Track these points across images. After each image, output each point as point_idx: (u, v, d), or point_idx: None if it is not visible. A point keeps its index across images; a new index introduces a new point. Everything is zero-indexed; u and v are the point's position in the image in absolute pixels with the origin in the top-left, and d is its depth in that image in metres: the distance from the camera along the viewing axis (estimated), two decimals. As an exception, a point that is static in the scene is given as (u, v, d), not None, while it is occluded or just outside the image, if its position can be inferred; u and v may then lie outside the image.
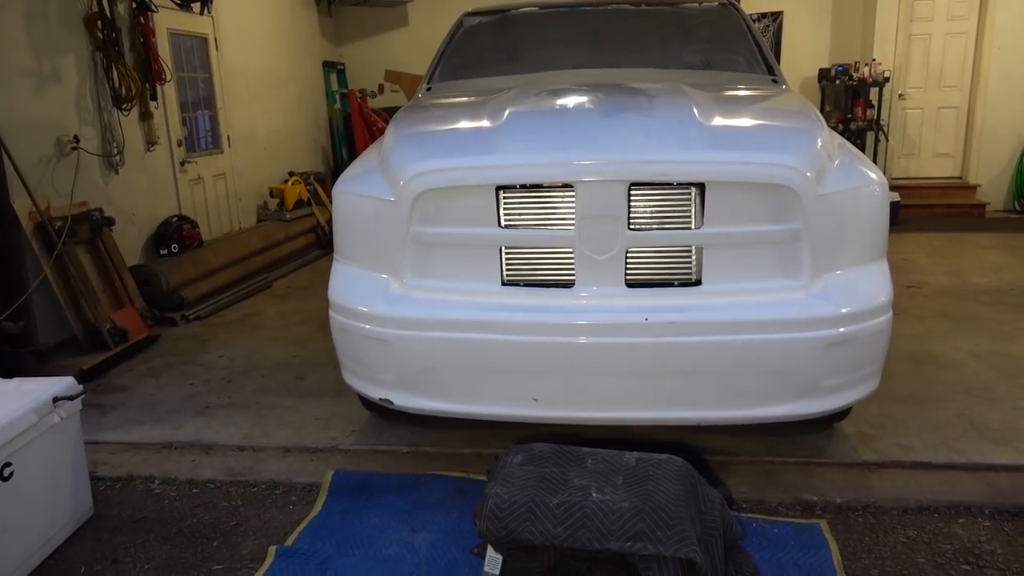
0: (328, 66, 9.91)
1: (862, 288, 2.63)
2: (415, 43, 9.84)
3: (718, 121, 2.70)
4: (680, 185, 2.51)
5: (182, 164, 6.58)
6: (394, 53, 10.04)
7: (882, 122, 8.88)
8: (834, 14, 9.28)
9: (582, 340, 2.52)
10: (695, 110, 2.73)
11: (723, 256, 2.57)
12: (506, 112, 2.83)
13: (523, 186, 2.57)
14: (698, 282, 2.60)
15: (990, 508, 2.79)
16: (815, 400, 2.61)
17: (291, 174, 8.36)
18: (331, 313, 2.92)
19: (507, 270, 2.67)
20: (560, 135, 2.62)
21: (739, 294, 2.58)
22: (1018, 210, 8.99)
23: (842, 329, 2.52)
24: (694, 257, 2.59)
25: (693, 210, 2.54)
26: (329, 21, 10.00)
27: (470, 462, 3.20)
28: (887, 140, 8.98)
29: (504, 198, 2.60)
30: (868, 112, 8.81)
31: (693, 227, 2.55)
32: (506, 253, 2.65)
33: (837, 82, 8.88)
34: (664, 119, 2.69)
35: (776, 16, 9.21)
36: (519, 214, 2.61)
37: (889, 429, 3.38)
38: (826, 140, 2.72)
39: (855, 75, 8.86)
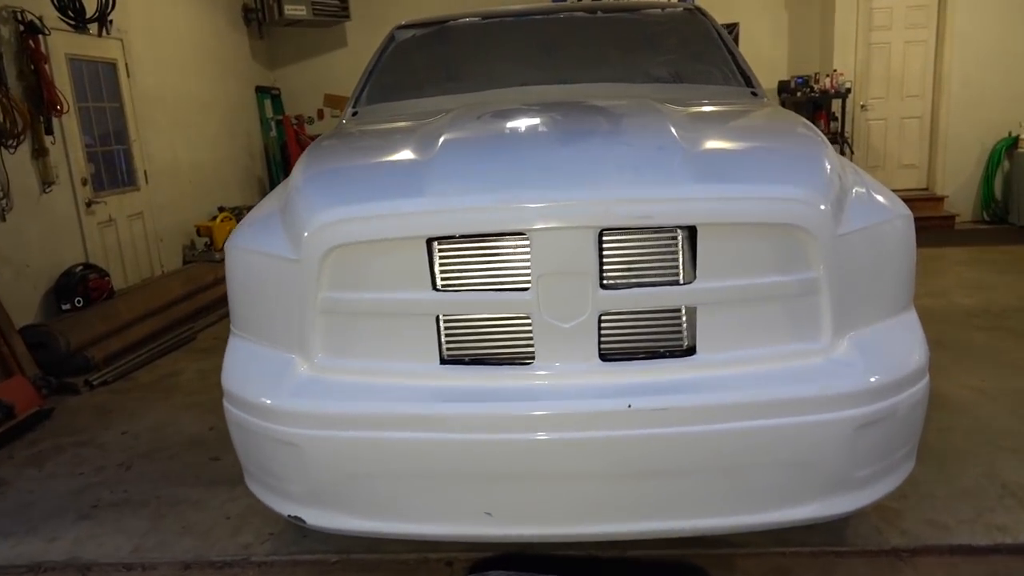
0: (262, 91, 9.24)
1: (893, 348, 2.09)
2: (356, 64, 9.15)
3: (705, 146, 2.15)
4: (665, 229, 1.95)
5: (88, 205, 5.84)
6: (334, 76, 9.40)
7: (846, 134, 8.55)
8: (791, 25, 8.97)
9: (546, 436, 1.92)
10: (675, 132, 2.18)
11: (721, 317, 2.01)
12: (440, 141, 2.25)
13: (463, 236, 1.98)
14: (691, 350, 2.03)
15: (1053, 605, 2.27)
16: (844, 496, 2.05)
17: (221, 209, 7.65)
18: (225, 404, 2.28)
19: (447, 344, 2.06)
20: (508, 168, 2.03)
21: (743, 363, 2.01)
22: (987, 220, 8.73)
23: (875, 405, 1.97)
24: (685, 319, 2.02)
25: (681, 260, 1.98)
26: (261, 44, 9.34)
27: (415, 571, 2.59)
28: (852, 153, 8.65)
29: (439, 252, 2.01)
30: (831, 125, 8.48)
31: (682, 281, 1.98)
32: (445, 323, 2.05)
33: (798, 94, 8.54)
34: (640, 145, 2.13)
35: (732, 28, 8.84)
36: (459, 273, 2.01)
37: (914, 500, 2.85)
38: (836, 164, 2.19)
39: (816, 87, 8.53)
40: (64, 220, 5.58)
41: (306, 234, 2.04)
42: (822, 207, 1.96)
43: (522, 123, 2.49)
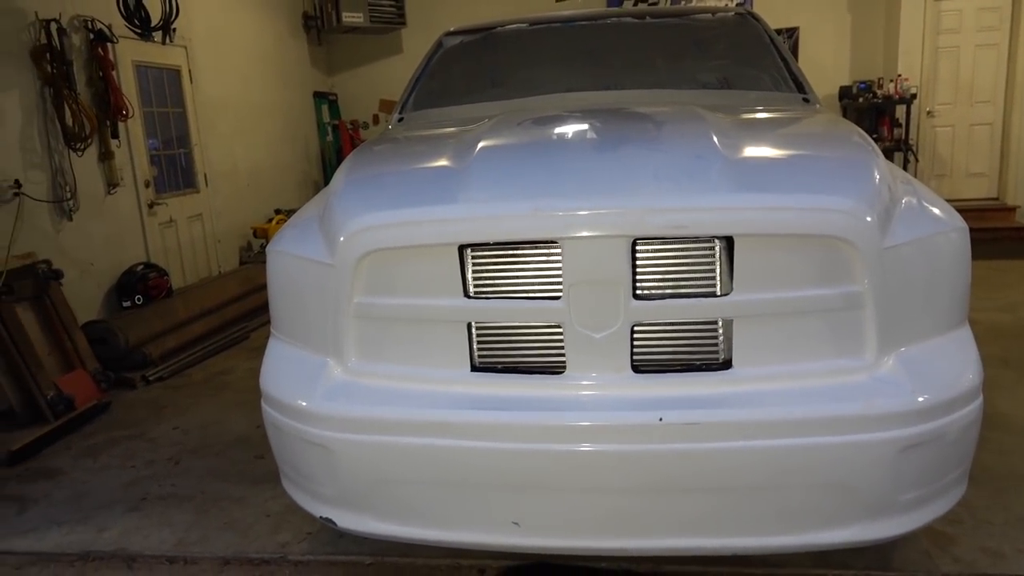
0: (319, 97, 9.44)
1: (944, 367, 1.99)
2: (411, 70, 9.26)
3: (746, 153, 2.09)
4: (701, 239, 1.90)
5: (151, 206, 6.05)
6: (389, 81, 9.54)
7: (911, 142, 8.25)
8: (854, 28, 8.71)
9: (575, 447, 1.90)
10: (716, 139, 2.13)
11: (759, 330, 1.95)
12: (477, 148, 2.24)
13: (495, 244, 1.97)
14: (727, 364, 1.98)
15: (1118, 648, 2.13)
16: (888, 520, 1.96)
17: (278, 212, 7.84)
18: (263, 405, 2.32)
19: (478, 352, 2.06)
20: (542, 176, 2.01)
21: (781, 379, 1.95)
22: (1063, 232, 8.29)
23: (923, 426, 1.88)
24: (721, 332, 1.97)
25: (718, 271, 1.93)
26: (320, 50, 9.54)
27: (447, 578, 2.59)
28: (917, 161, 8.34)
29: (472, 259, 2.00)
30: (895, 131, 8.19)
31: (719, 293, 1.93)
32: (477, 330, 2.05)
33: (860, 100, 8.27)
34: (678, 153, 2.08)
35: (792, 32, 8.65)
36: (491, 280, 2.00)
37: (968, 525, 2.72)
38: (885, 173, 2.11)
39: (879, 92, 8.25)
40: (127, 221, 5.79)
41: (342, 239, 2.06)
42: (867, 219, 1.89)
43: (560, 130, 2.47)
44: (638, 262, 1.91)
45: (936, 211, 2.10)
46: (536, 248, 1.95)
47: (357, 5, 8.71)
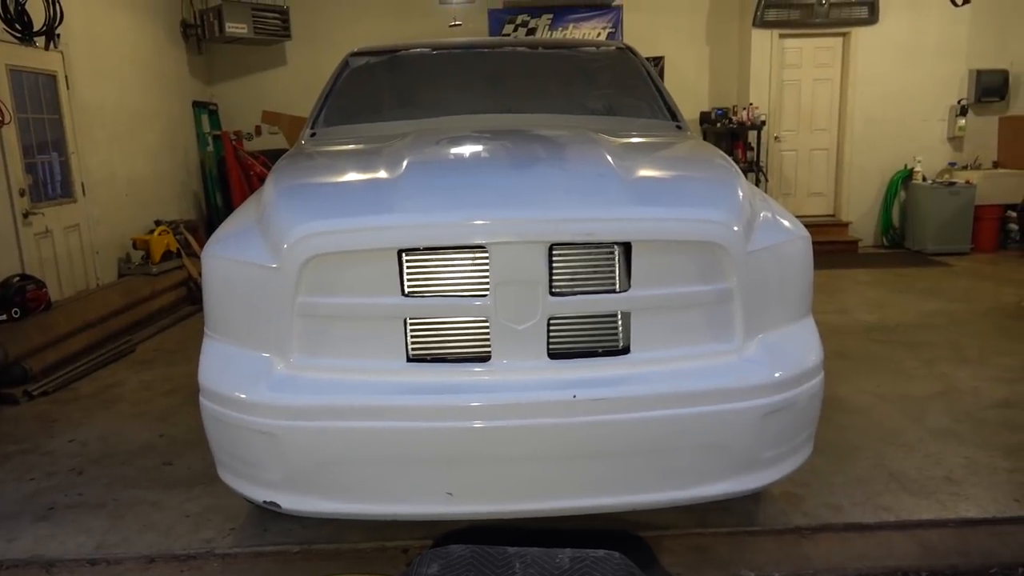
0: (199, 106, 9.25)
1: (794, 348, 2.47)
2: (294, 83, 9.36)
3: (637, 173, 2.49)
4: (605, 245, 2.27)
5: (26, 216, 5.80)
6: (272, 93, 9.50)
7: (761, 163, 9.20)
8: (712, 59, 9.61)
9: (500, 424, 2.20)
10: (611, 160, 2.51)
11: (651, 321, 2.34)
12: (404, 162, 2.51)
13: (429, 248, 2.24)
14: (626, 349, 2.35)
15: (927, 571, 2.67)
16: (754, 474, 2.40)
17: (158, 223, 7.63)
18: (202, 400, 2.46)
19: (413, 345, 2.32)
20: (471, 190, 2.32)
21: (669, 361, 2.34)
22: (886, 245, 9.52)
23: (779, 396, 2.33)
24: (621, 323, 2.34)
25: (618, 272, 2.30)
26: (199, 59, 9.35)
27: (373, 560, 2.79)
28: (767, 181, 9.30)
29: (408, 262, 2.27)
30: (748, 154, 9.11)
31: (618, 290, 2.30)
32: (411, 325, 2.31)
33: (718, 125, 9.14)
34: (582, 172, 2.45)
35: (657, 61, 9.41)
36: (425, 280, 2.28)
37: (814, 487, 3.25)
38: (747, 191, 2.57)
39: (734, 118, 9.15)
40: (1, 230, 5.53)
41: (286, 245, 2.26)
42: (735, 228, 2.32)
43: (478, 149, 2.78)
44: (554, 264, 2.25)
45: (786, 223, 2.59)
46: (466, 252, 2.24)
47: (241, 16, 8.66)
